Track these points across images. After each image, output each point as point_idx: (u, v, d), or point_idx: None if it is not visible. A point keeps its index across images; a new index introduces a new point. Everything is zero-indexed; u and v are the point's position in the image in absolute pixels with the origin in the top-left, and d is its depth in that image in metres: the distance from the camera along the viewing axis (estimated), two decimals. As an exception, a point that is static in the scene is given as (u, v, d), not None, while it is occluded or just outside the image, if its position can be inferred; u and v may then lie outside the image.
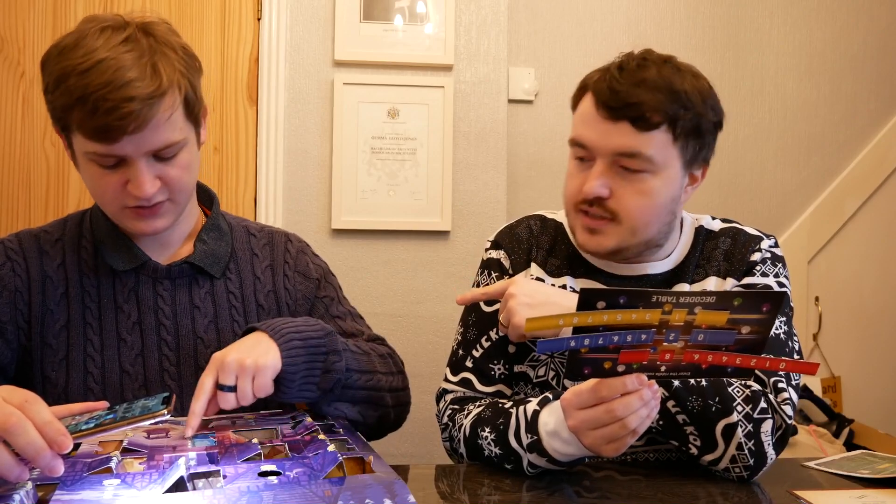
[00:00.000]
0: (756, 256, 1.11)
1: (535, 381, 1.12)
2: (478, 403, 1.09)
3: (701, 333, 0.77)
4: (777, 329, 1.05)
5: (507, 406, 1.03)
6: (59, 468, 0.70)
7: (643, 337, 0.75)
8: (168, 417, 0.78)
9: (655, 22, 2.44)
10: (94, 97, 0.89)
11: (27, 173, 2.05)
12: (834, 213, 2.51)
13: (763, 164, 2.50)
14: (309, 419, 0.93)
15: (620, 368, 0.79)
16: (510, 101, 2.26)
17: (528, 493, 0.91)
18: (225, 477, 0.70)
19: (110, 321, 1.05)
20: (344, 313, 1.20)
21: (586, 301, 0.73)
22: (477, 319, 1.17)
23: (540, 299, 1.04)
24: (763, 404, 0.97)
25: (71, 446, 0.71)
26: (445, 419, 1.13)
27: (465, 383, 1.15)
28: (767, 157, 2.50)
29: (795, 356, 1.04)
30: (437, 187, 2.16)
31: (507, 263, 1.17)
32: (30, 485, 0.68)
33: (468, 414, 1.08)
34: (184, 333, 1.07)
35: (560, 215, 1.22)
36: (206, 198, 1.17)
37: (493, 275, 1.17)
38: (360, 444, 0.82)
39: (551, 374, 1.10)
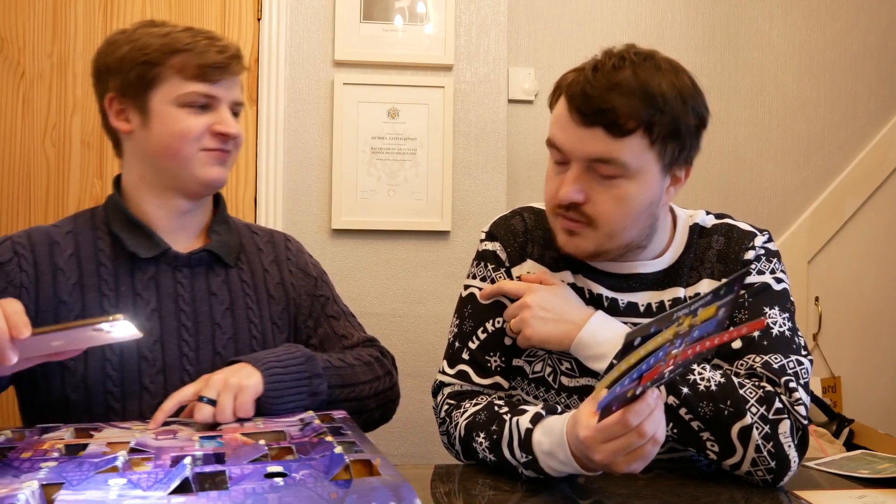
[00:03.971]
0: (750, 255, 1.08)
1: (530, 376, 1.12)
2: (474, 402, 1.09)
3: (696, 330, 0.77)
4: (781, 326, 1.04)
5: (502, 411, 1.02)
6: (11, 358, 0.79)
7: (660, 354, 0.75)
8: (120, 322, 0.81)
9: (655, 22, 2.44)
10: (204, 42, 1.07)
11: (27, 173, 2.05)
12: (834, 213, 2.51)
13: (763, 164, 2.50)
14: (317, 421, 0.93)
15: (639, 391, 0.79)
16: (510, 101, 2.26)
17: (526, 493, 0.91)
18: (231, 478, 0.70)
19: (128, 308, 1.07)
20: (338, 313, 1.25)
21: (629, 344, 0.72)
22: (473, 311, 1.16)
23: (554, 315, 1.05)
24: (778, 404, 0.96)
25: (28, 334, 0.78)
26: (443, 414, 1.13)
27: (461, 376, 1.14)
28: (767, 157, 2.50)
29: (803, 352, 1.03)
30: (437, 187, 2.17)
31: (503, 256, 1.16)
32: (35, 484, 0.68)
33: (464, 412, 1.08)
34: (202, 320, 1.10)
35: None
36: (213, 198, 1.21)
37: (490, 266, 1.17)
38: (368, 447, 0.82)
39: (548, 370, 1.10)
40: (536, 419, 0.94)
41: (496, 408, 1.03)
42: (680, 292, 1.09)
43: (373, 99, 2.15)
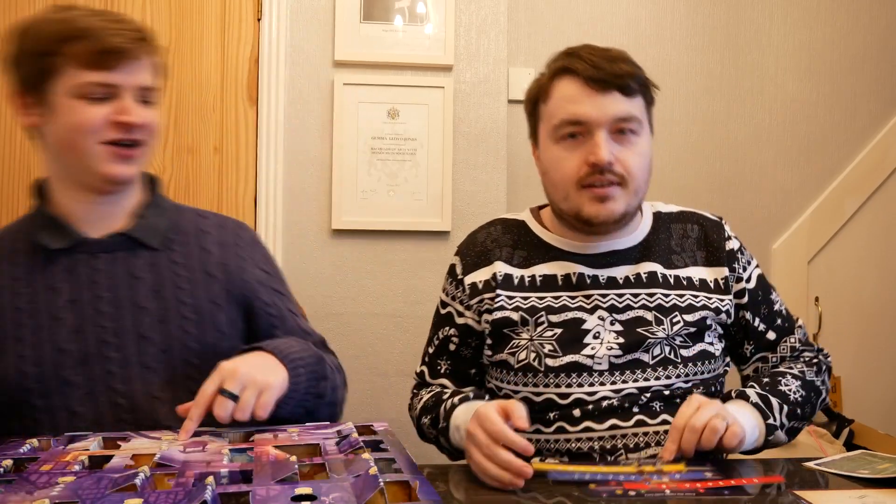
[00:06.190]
0: (731, 245, 1.22)
1: (516, 366, 1.16)
2: (428, 390, 1.24)
3: (677, 475, 0.94)
4: (781, 304, 1.26)
5: (444, 396, 1.16)
6: None
7: (621, 477, 0.94)
8: None
9: (655, 22, 2.44)
10: (100, 25, 1.00)
11: (27, 173, 2.05)
12: (834, 213, 2.51)
13: (763, 164, 2.50)
14: (355, 435, 0.89)
15: (631, 493, 0.89)
16: (510, 101, 2.26)
17: (526, 494, 0.91)
18: (255, 500, 0.66)
19: (44, 302, 1.05)
20: (296, 311, 1.23)
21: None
22: (434, 321, 1.29)
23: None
24: (823, 366, 1.26)
25: None
26: (410, 401, 1.29)
27: (420, 375, 1.29)
28: (767, 157, 2.50)
29: (799, 321, 1.30)
30: (437, 187, 2.17)
31: (458, 269, 1.24)
32: (46, 503, 0.66)
33: (420, 400, 1.23)
34: (124, 304, 1.07)
35: (523, 215, 1.27)
36: (148, 182, 1.18)
37: (448, 279, 1.26)
38: (408, 465, 0.77)
39: (532, 355, 1.15)
40: (464, 399, 1.10)
41: (444, 395, 1.17)
42: (655, 267, 1.18)
43: (373, 99, 2.15)
